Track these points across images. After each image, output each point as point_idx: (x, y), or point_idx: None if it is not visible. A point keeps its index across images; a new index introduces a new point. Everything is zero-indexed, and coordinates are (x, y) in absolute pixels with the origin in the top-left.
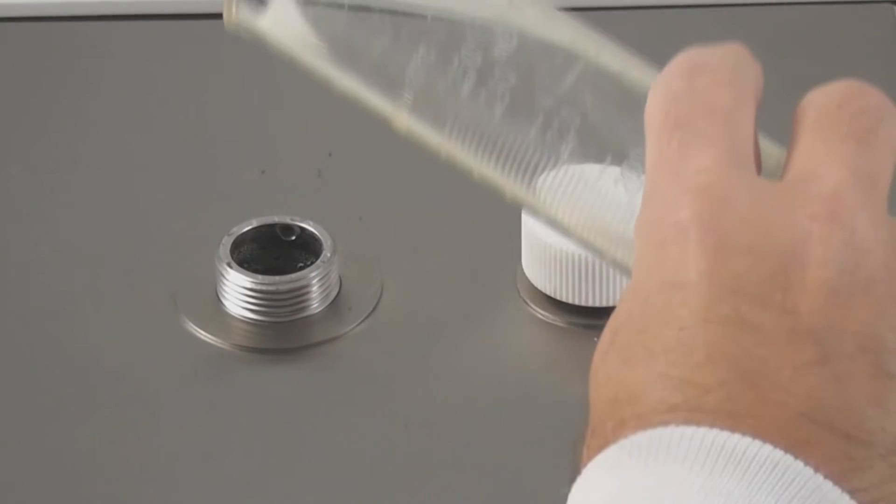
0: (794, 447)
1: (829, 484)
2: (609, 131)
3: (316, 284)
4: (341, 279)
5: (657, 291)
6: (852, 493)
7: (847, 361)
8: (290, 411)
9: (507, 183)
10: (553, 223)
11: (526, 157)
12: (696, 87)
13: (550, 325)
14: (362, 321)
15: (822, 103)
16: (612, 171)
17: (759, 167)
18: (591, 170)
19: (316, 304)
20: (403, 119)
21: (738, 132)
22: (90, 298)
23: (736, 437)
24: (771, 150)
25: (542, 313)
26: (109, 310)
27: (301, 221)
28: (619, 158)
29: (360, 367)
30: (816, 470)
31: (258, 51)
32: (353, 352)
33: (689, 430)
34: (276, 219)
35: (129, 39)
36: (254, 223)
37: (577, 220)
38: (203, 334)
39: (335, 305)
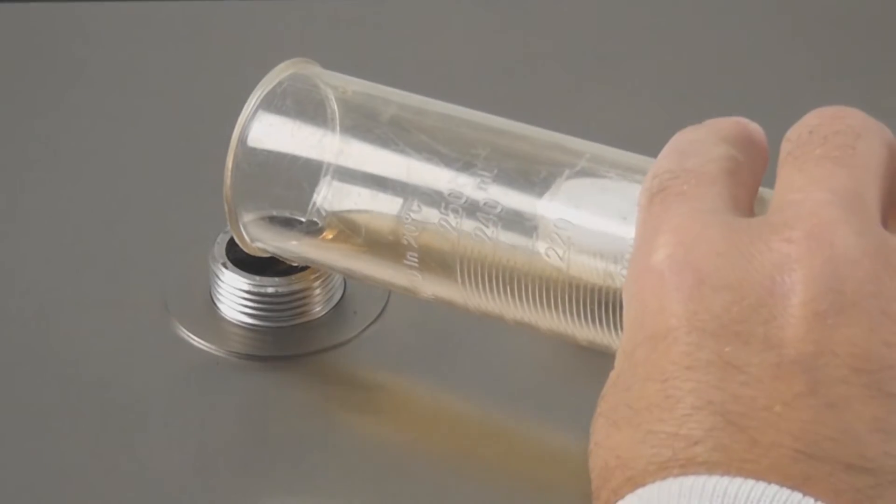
0: (796, 487)
1: None
2: (603, 230)
3: (318, 287)
4: (345, 281)
5: (640, 345)
6: None
7: (841, 387)
8: (291, 423)
9: (532, 314)
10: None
11: (533, 273)
12: (684, 166)
13: None
14: (368, 326)
15: (795, 134)
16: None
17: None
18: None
19: (318, 307)
20: (419, 280)
21: (724, 190)
22: (75, 302)
23: (738, 480)
24: None
25: None
26: (95, 314)
27: (301, 217)
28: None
29: (365, 375)
30: None
31: (254, 39)
32: (359, 359)
33: (689, 480)
34: (274, 213)
35: (117, 23)
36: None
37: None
38: (196, 340)
39: (339, 309)
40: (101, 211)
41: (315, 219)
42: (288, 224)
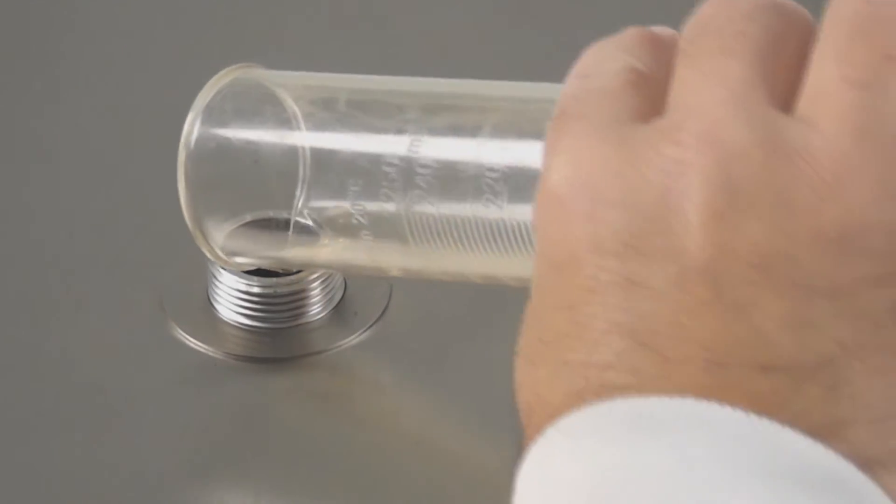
0: (712, 397)
1: (765, 422)
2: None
3: (318, 287)
4: (346, 281)
5: (545, 275)
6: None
7: (746, 287)
8: (289, 425)
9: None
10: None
11: (475, 223)
12: (586, 88)
13: None
14: (369, 327)
15: (690, 32)
16: None
17: None
18: None
19: (318, 308)
20: (379, 258)
21: (625, 104)
22: (68, 302)
23: (652, 399)
24: None
25: None
26: (90, 315)
27: (301, 217)
28: None
29: (366, 378)
30: (747, 412)
31: (250, 32)
32: (359, 361)
33: (604, 406)
34: (272, 213)
35: (111, 11)
36: (248, 219)
37: None
38: (193, 342)
39: (339, 310)
40: (96, 211)
41: (300, 219)
42: (261, 228)
